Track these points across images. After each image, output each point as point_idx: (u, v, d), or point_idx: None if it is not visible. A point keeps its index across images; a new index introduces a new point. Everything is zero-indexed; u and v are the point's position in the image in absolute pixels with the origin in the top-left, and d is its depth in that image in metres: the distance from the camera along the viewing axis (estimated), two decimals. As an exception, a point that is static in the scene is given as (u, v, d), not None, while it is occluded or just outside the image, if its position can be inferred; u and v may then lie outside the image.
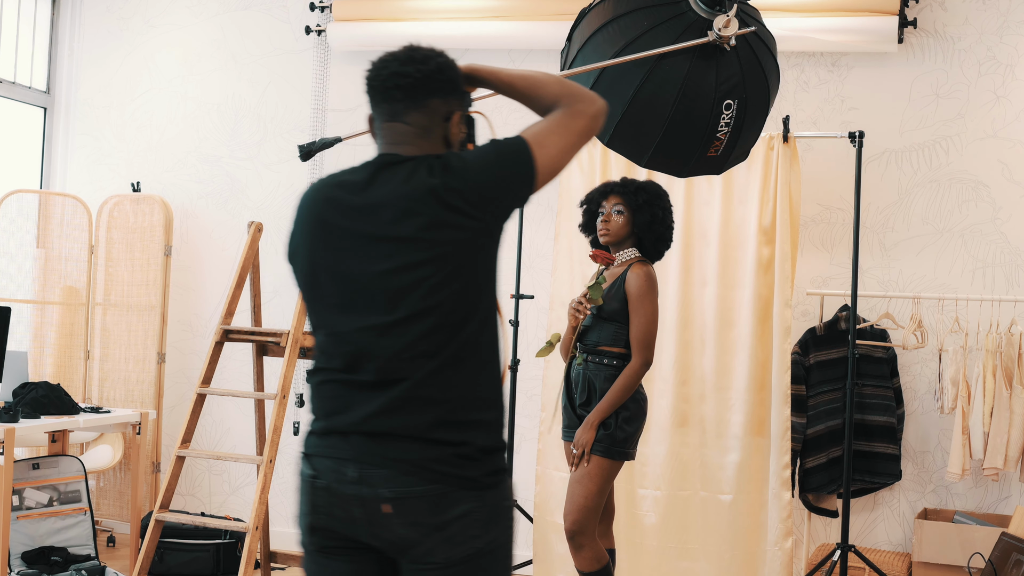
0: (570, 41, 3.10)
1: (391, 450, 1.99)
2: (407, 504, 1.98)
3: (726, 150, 3.04)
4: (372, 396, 2.01)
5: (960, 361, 4.64)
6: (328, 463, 2.04)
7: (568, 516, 3.71)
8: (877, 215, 5.07)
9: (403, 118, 2.10)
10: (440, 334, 2.00)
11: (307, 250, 2.10)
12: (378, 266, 2.02)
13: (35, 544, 4.73)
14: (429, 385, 2.00)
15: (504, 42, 5.46)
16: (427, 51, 2.12)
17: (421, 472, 1.98)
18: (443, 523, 1.98)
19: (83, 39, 6.26)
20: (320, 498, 2.05)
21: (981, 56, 5.00)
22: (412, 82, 2.08)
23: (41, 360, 5.71)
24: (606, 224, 3.86)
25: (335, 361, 2.07)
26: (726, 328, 4.78)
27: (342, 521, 2.04)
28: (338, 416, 2.05)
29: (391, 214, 2.01)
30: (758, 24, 3.02)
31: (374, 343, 2.02)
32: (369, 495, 1.99)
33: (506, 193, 2.06)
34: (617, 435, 3.71)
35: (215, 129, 6.02)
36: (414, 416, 1.99)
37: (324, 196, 2.11)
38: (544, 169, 2.08)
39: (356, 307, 2.04)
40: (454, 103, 2.14)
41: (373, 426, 2.01)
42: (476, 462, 2.01)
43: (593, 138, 2.32)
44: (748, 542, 4.72)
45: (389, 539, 2.02)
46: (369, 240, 2.03)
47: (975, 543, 4.50)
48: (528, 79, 2.21)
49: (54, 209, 5.87)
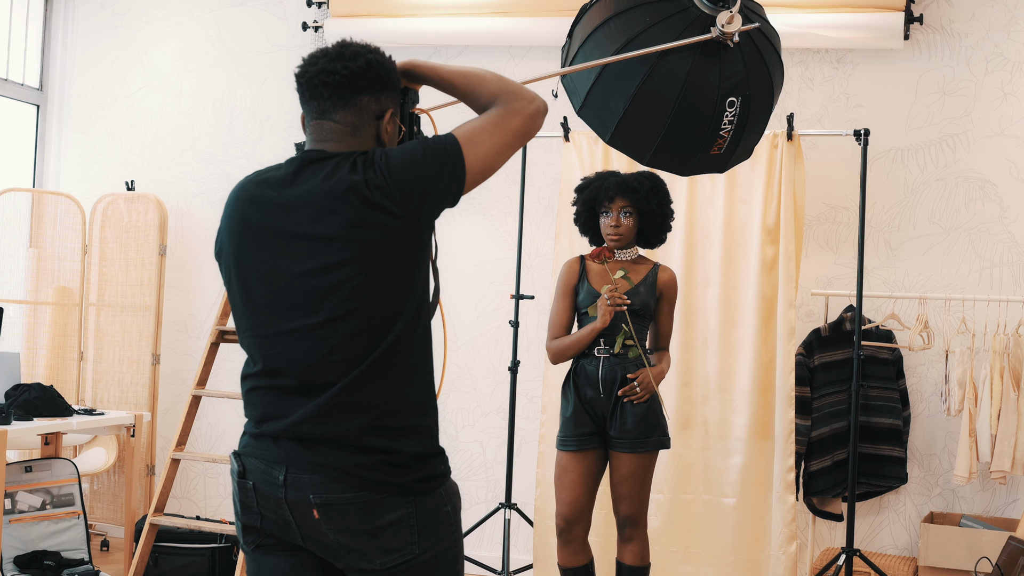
0: (571, 38, 3.05)
1: (319, 455, 1.95)
2: (336, 510, 1.94)
3: (729, 148, 2.99)
4: (300, 402, 1.97)
5: (967, 362, 4.59)
6: (257, 464, 2.00)
7: (635, 510, 3.81)
8: (883, 214, 5.03)
9: (331, 116, 2.06)
10: (365, 337, 1.95)
11: (232, 249, 2.06)
12: (300, 266, 1.97)
13: (28, 548, 4.70)
14: (355, 391, 1.95)
15: (503, 39, 5.42)
16: (358, 47, 2.08)
17: (349, 479, 1.94)
18: (375, 529, 1.95)
19: (76, 35, 6.22)
20: (249, 498, 2.02)
21: (988, 53, 4.95)
22: (340, 79, 2.04)
23: (34, 361, 5.68)
24: (617, 229, 3.83)
25: (263, 365, 2.02)
26: (729, 329, 4.75)
27: (275, 523, 2.01)
28: (269, 423, 2.00)
29: (312, 212, 1.96)
30: (762, 20, 2.97)
31: (298, 346, 1.97)
32: (298, 499, 1.96)
33: (431, 191, 1.98)
34: (665, 427, 3.84)
35: (210, 127, 5.98)
36: (341, 423, 1.95)
37: (248, 194, 2.07)
38: (474, 169, 2.02)
39: (281, 309, 1.99)
40: (387, 101, 2.09)
41: (301, 432, 1.96)
42: (407, 469, 1.97)
43: (594, 134, 2.25)
44: (752, 546, 4.69)
45: (323, 543, 1.99)
46: (291, 239, 1.98)
47: (982, 547, 4.47)
48: (468, 76, 2.15)
49: (47, 208, 5.84)
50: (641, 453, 3.76)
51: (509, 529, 4.95)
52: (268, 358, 2.01)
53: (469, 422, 5.51)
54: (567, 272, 3.93)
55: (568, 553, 3.85)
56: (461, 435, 5.52)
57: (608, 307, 3.75)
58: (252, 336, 2.05)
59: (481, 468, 5.48)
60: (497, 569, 5.00)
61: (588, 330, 3.80)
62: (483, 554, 5.25)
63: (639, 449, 3.76)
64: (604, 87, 2.87)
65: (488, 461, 5.47)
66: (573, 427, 3.81)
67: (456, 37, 5.40)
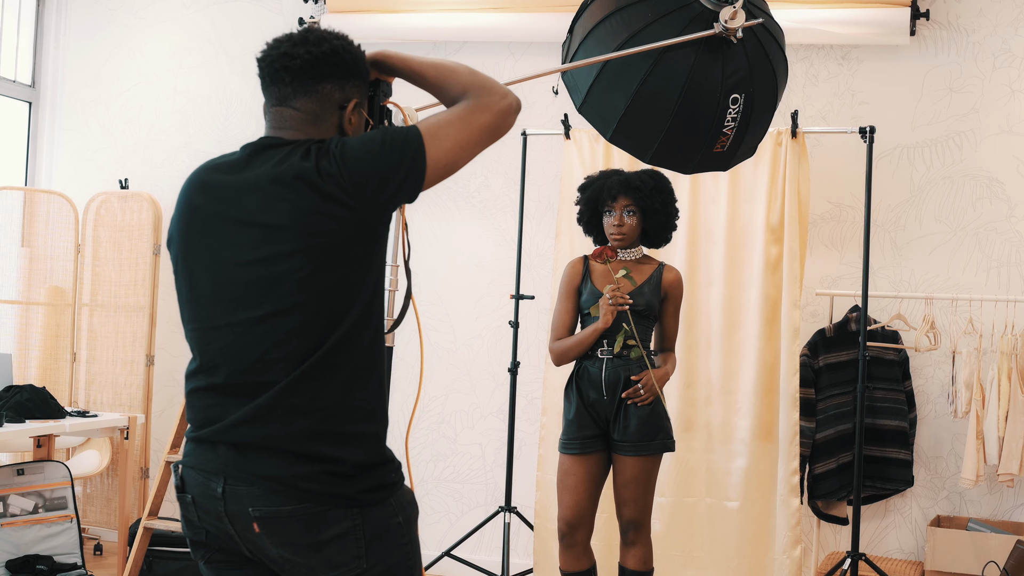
0: (571, 34, 3.04)
1: (257, 466, 1.86)
2: (276, 523, 1.86)
3: (732, 146, 2.99)
4: (237, 403, 1.88)
5: (974, 363, 4.57)
6: (196, 476, 1.92)
7: (639, 514, 3.77)
8: (888, 213, 5.00)
9: (291, 103, 1.98)
10: (310, 334, 1.86)
11: (180, 237, 1.98)
12: (247, 255, 1.88)
13: (20, 552, 4.66)
14: (297, 392, 1.86)
15: (503, 34, 5.39)
16: (323, 33, 2.00)
17: (289, 491, 1.85)
18: (318, 543, 1.86)
19: (69, 31, 6.18)
20: (191, 512, 1.95)
21: (996, 49, 4.91)
22: (301, 64, 1.96)
23: (26, 362, 5.64)
24: (620, 228, 3.80)
25: (200, 361, 1.94)
26: (733, 330, 4.74)
27: (219, 537, 1.94)
28: (207, 427, 1.92)
29: (261, 199, 1.88)
30: (766, 16, 2.97)
31: (239, 341, 1.88)
32: (238, 512, 1.87)
33: (387, 184, 1.89)
34: (670, 430, 3.81)
35: (205, 124, 5.94)
36: (282, 427, 1.85)
37: (200, 180, 1.99)
38: (436, 163, 1.93)
39: (223, 300, 1.91)
40: (352, 90, 2.01)
41: (238, 436, 1.87)
42: (352, 479, 1.88)
43: (595, 132, 2.19)
44: (755, 550, 4.67)
45: (268, 556, 1.91)
46: (239, 226, 1.90)
47: (990, 551, 4.44)
48: (439, 68, 2.07)
49: (39, 207, 5.80)
50: (645, 456, 3.74)
51: (509, 533, 4.92)
52: (207, 353, 1.93)
53: (468, 424, 5.46)
54: (570, 272, 3.91)
55: (570, 558, 3.83)
56: (460, 437, 5.47)
57: (610, 307, 3.71)
58: (194, 329, 1.96)
59: (480, 471, 5.44)
60: (497, 574, 4.97)
61: (590, 331, 3.77)
62: (482, 558, 5.22)
63: (643, 452, 3.73)
64: (605, 84, 2.86)
65: (487, 464, 5.43)
66: (576, 430, 3.78)
67: (454, 33, 5.38)
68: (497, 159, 5.42)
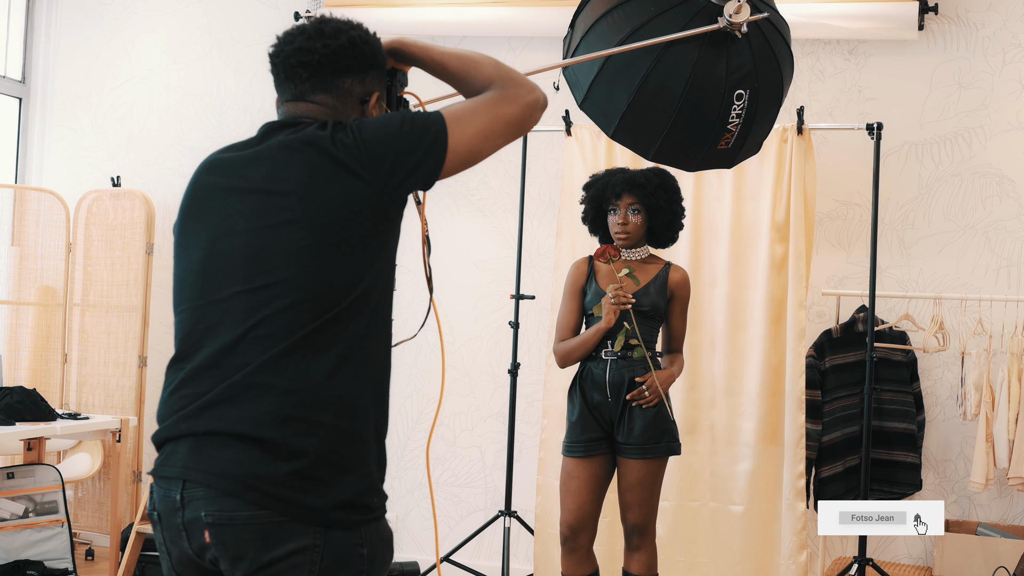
0: (573, 28, 3.01)
1: (216, 461, 1.71)
2: (229, 532, 1.70)
3: (737, 143, 2.95)
4: (211, 383, 1.75)
5: (984, 365, 4.54)
6: (159, 489, 1.78)
7: (644, 519, 3.73)
8: (896, 211, 4.95)
9: (310, 99, 1.90)
10: (300, 312, 1.74)
11: (180, 218, 1.90)
12: (245, 224, 1.79)
13: (10, 558, 4.64)
14: (276, 370, 1.72)
15: (503, 29, 5.35)
16: (339, 23, 1.92)
17: (247, 493, 1.69)
18: (270, 560, 1.69)
19: (60, 25, 6.12)
20: (159, 535, 1.81)
21: (1006, 43, 4.86)
22: (319, 59, 1.88)
23: (16, 364, 5.60)
24: (624, 227, 3.76)
25: (187, 345, 1.83)
26: (737, 330, 4.71)
27: (181, 562, 1.79)
28: (173, 415, 1.80)
29: (268, 166, 1.80)
30: (771, 10, 2.92)
31: (225, 319, 1.77)
32: (193, 519, 1.72)
33: (405, 162, 1.80)
34: (675, 432, 3.77)
35: (199, 120, 5.88)
36: (252, 407, 1.71)
37: (210, 160, 1.92)
38: (458, 150, 1.85)
39: (215, 275, 1.81)
40: (372, 83, 1.94)
41: (203, 424, 1.73)
42: (320, 485, 1.71)
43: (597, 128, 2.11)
44: (760, 555, 4.65)
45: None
46: (242, 195, 1.81)
47: (999, 557, 4.41)
48: (463, 58, 1.99)
49: (30, 205, 5.75)
50: (650, 459, 3.70)
51: (509, 537, 4.87)
52: (192, 335, 1.82)
53: (467, 426, 5.40)
54: (575, 273, 3.87)
55: (572, 562, 3.78)
56: (459, 440, 5.41)
57: (612, 306, 3.67)
58: (183, 311, 1.87)
59: (480, 474, 5.38)
60: (496, 579, 4.92)
61: (593, 331, 3.73)
62: (482, 563, 5.17)
63: (648, 455, 3.69)
64: (607, 79, 2.83)
65: (487, 467, 5.37)
66: (579, 432, 3.74)
67: (454, 27, 5.34)
68: (497, 156, 5.33)
